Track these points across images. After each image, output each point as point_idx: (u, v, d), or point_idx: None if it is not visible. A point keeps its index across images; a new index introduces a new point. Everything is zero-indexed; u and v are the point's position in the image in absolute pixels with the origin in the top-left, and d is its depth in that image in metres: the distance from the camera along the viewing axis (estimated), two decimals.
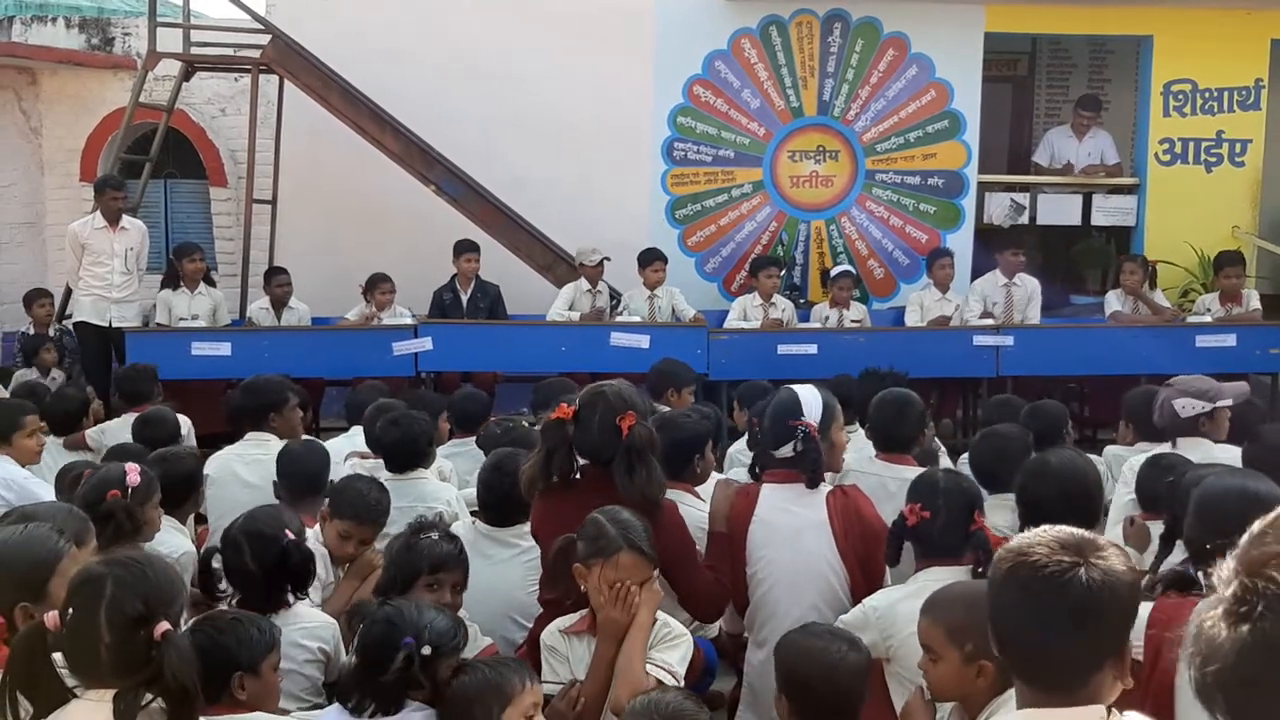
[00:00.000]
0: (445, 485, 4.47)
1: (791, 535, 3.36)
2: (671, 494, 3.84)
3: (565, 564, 2.93)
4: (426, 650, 2.46)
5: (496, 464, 3.86)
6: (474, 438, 5.27)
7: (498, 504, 3.77)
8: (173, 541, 3.81)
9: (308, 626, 3.07)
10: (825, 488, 3.43)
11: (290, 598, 3.09)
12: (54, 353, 7.84)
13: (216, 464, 4.78)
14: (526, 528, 3.60)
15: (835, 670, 2.59)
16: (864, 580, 3.32)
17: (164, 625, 2.01)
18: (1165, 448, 4.35)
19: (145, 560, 2.13)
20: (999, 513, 3.73)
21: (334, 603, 3.47)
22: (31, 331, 8.17)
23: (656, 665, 2.80)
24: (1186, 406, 4.45)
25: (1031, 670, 1.75)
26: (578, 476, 3.31)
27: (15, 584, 2.37)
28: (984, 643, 2.29)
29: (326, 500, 3.79)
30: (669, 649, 2.88)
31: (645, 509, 3.10)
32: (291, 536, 3.09)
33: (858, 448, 4.29)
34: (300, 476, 4.11)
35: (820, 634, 2.72)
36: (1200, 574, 2.63)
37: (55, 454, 5.52)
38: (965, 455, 5.00)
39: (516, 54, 9.11)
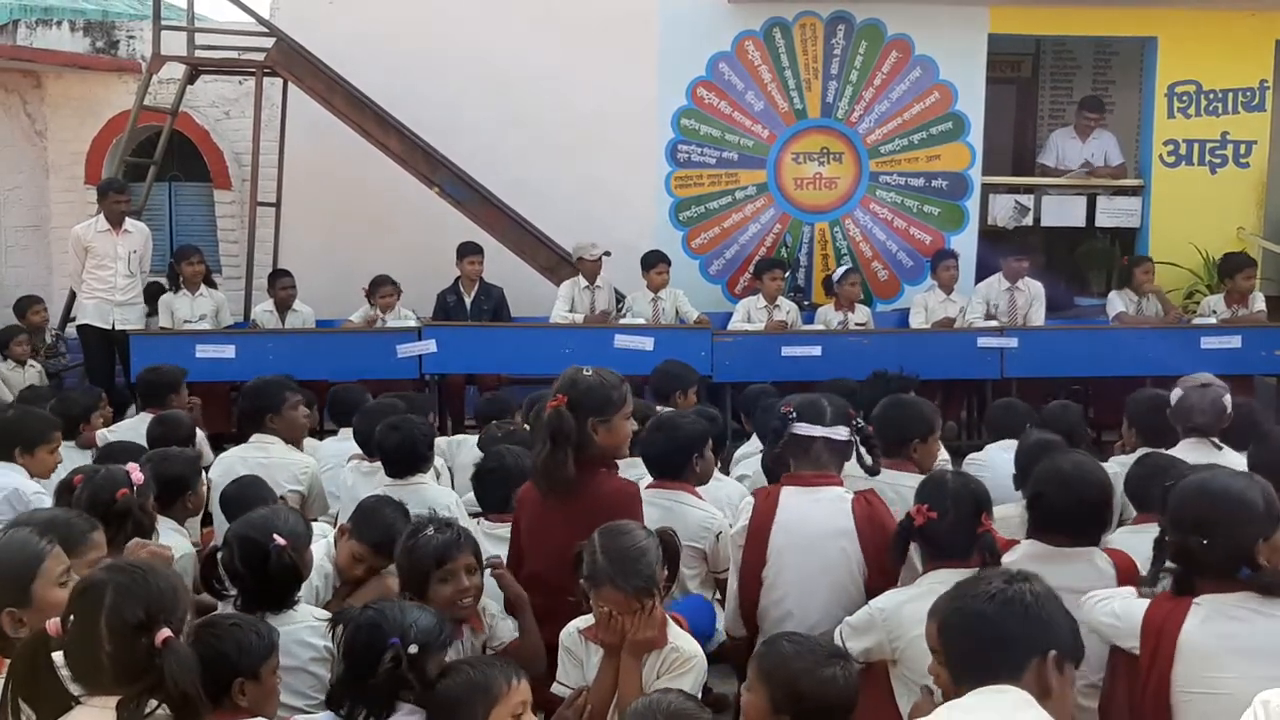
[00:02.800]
0: (445, 490, 4.45)
1: (816, 540, 3.32)
2: (673, 494, 3.86)
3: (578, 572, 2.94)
4: (414, 649, 2.45)
5: (486, 457, 4.01)
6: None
7: (490, 497, 3.89)
8: (172, 543, 3.81)
9: (313, 625, 3.04)
10: (849, 493, 3.39)
11: (297, 597, 3.08)
12: (26, 345, 7.81)
13: (220, 466, 4.78)
14: None
15: (849, 692, 2.56)
16: (883, 588, 3.28)
17: (165, 632, 2.00)
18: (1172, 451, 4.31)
19: (147, 567, 2.13)
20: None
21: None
22: None
23: None
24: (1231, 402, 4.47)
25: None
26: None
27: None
28: None
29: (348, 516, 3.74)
30: (678, 676, 2.83)
31: (555, 489, 3.22)
32: (281, 542, 2.99)
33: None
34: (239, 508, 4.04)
35: (815, 650, 2.62)
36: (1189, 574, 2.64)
37: (65, 454, 5.51)
38: (970, 457, 5.03)
39: (520, 56, 9.11)
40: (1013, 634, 2.06)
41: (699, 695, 2.89)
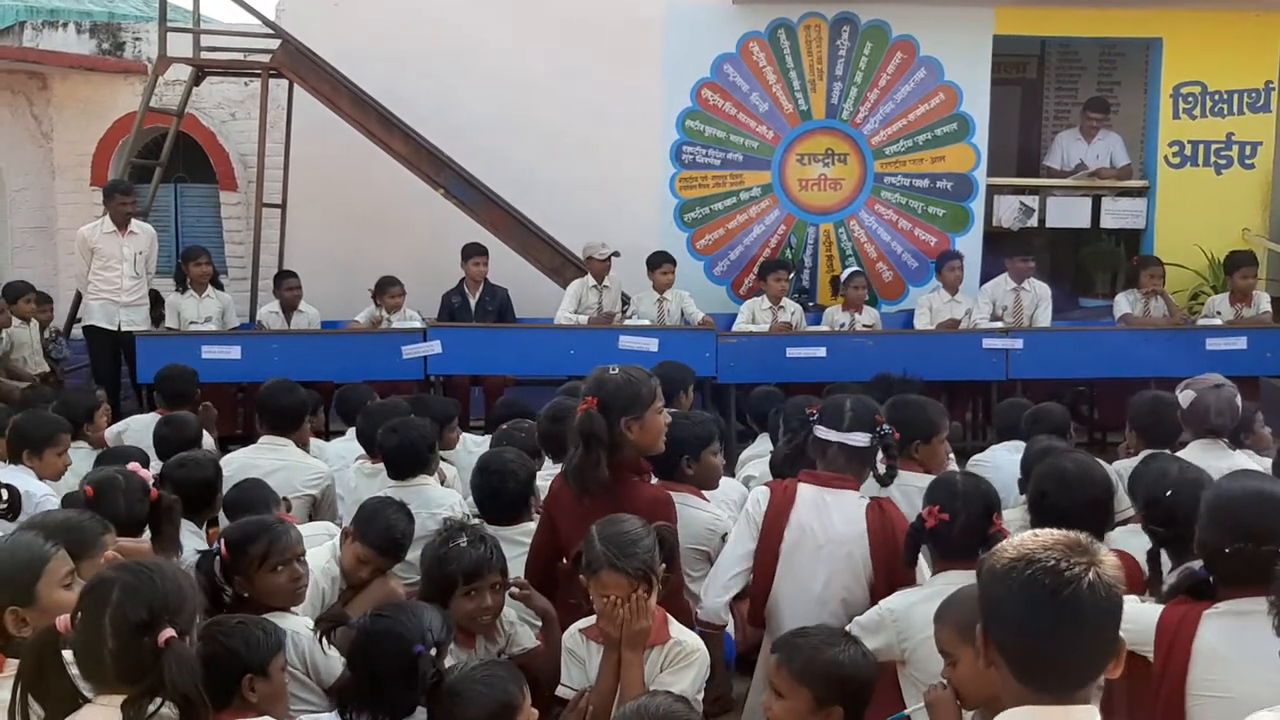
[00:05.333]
0: (449, 491, 4.42)
1: (826, 544, 3.29)
2: (678, 496, 3.83)
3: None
4: (434, 651, 2.47)
5: (483, 465, 3.93)
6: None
7: (491, 503, 3.84)
8: (191, 546, 3.81)
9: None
10: (864, 500, 3.35)
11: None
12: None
13: (233, 466, 4.78)
14: (531, 526, 3.61)
15: (875, 666, 2.61)
16: (887, 594, 3.26)
17: (168, 632, 2.00)
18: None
19: (155, 567, 2.13)
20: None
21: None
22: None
23: None
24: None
25: (1034, 671, 1.73)
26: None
27: (2, 588, 2.38)
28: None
29: (352, 519, 3.73)
30: (680, 670, 2.83)
31: (589, 490, 3.18)
32: (219, 550, 2.94)
33: None
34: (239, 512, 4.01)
35: (832, 635, 2.67)
36: (1213, 579, 2.61)
37: (75, 455, 5.52)
38: (974, 458, 5.02)
39: (525, 58, 9.12)
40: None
41: (702, 689, 2.89)
